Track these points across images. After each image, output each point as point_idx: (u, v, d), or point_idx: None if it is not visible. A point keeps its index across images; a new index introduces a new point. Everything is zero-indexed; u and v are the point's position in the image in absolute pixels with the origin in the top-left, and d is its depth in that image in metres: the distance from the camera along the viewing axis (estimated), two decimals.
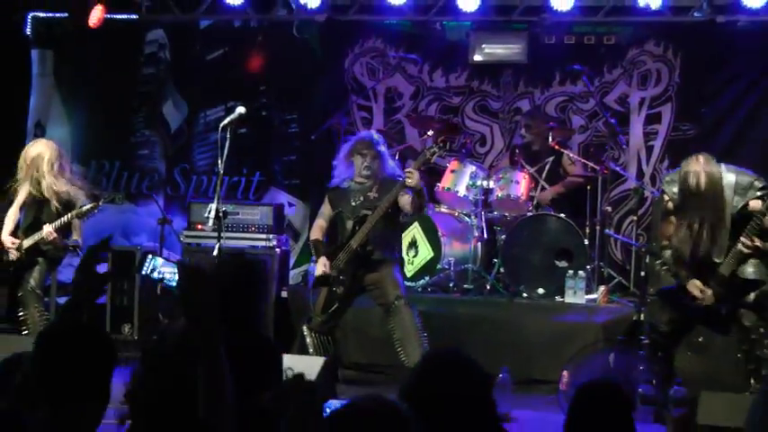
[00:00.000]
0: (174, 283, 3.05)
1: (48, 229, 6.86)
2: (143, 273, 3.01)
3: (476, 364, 2.87)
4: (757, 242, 5.70)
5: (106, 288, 8.70)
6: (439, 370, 2.87)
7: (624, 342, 7.05)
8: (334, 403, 3.28)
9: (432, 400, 2.76)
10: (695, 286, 5.88)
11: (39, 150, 7.04)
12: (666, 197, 6.04)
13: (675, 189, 5.95)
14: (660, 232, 6.18)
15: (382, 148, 6.96)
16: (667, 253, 6.01)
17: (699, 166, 5.83)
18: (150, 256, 3.01)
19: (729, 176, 5.87)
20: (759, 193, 5.81)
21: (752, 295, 5.83)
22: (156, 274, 3.06)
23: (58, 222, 6.88)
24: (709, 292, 5.84)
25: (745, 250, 5.70)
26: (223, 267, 4.33)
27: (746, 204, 5.82)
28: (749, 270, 5.85)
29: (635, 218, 8.80)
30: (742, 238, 5.70)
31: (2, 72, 9.81)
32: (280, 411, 2.50)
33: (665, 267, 6.05)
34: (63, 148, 7.36)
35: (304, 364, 4.99)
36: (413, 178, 6.56)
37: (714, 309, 5.87)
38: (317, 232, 7.05)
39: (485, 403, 2.85)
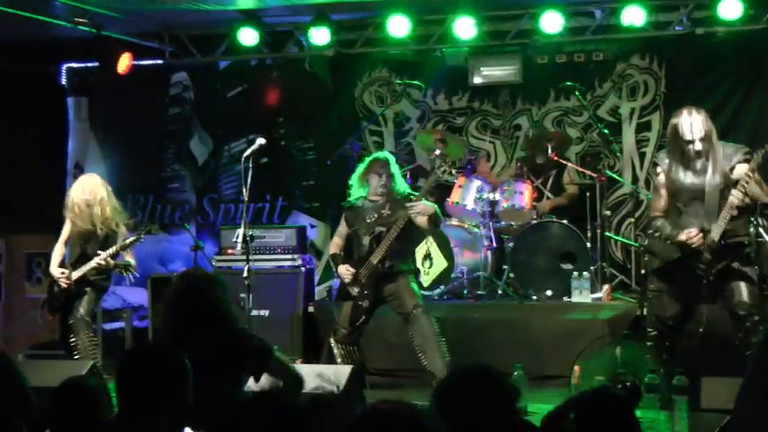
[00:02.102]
0: None
1: (103, 255, 6.89)
2: None
3: (504, 379, 2.88)
4: (746, 199, 5.65)
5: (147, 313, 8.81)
6: (468, 385, 2.87)
7: (629, 335, 7.05)
8: None
9: (461, 411, 2.77)
10: (685, 234, 5.80)
11: (92, 183, 7.11)
12: (659, 169, 5.99)
13: (667, 160, 5.92)
14: (652, 207, 6.12)
15: (393, 168, 6.98)
16: (658, 222, 5.95)
17: (696, 116, 5.80)
18: None
19: (717, 147, 5.86)
20: (745, 156, 5.78)
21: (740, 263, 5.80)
22: None
23: (110, 250, 6.93)
24: (697, 232, 5.75)
25: (736, 201, 5.62)
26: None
27: (733, 167, 5.78)
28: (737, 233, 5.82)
29: (632, 220, 8.83)
30: (733, 191, 5.64)
31: (42, 120, 9.95)
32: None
33: (657, 234, 5.95)
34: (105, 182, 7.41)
35: (333, 373, 5.01)
36: (417, 209, 6.57)
37: (703, 277, 5.81)
38: (334, 248, 7.05)
39: (510, 413, 2.86)
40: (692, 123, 5.81)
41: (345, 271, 6.74)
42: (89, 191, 7.05)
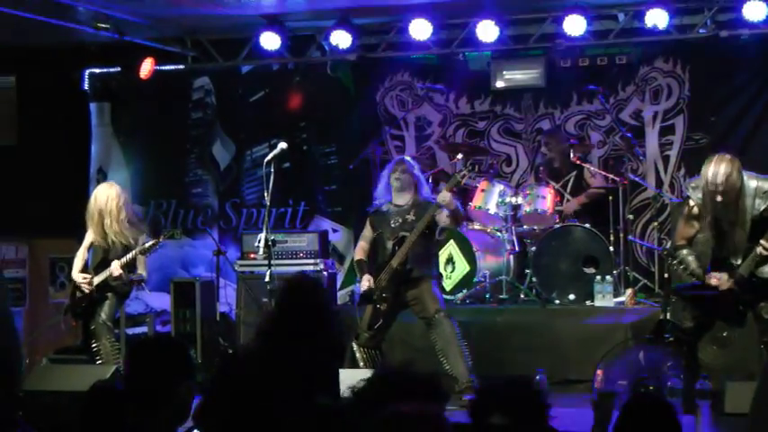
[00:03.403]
0: None
1: (115, 266, 7.01)
2: None
3: (538, 395, 2.89)
4: None
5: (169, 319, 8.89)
6: (505, 397, 2.89)
7: (652, 340, 7.06)
8: None
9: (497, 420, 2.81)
10: (712, 277, 5.85)
11: (105, 194, 7.19)
12: (692, 202, 6.00)
13: (700, 195, 5.91)
14: (679, 234, 6.16)
15: (417, 172, 7.04)
16: (683, 252, 5.99)
17: (721, 165, 5.81)
18: None
19: (751, 182, 5.82)
20: None
21: None
22: None
23: (124, 259, 7.03)
24: (725, 276, 5.80)
25: (765, 253, 5.66)
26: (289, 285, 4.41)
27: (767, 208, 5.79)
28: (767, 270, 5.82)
29: (656, 224, 8.83)
30: (762, 241, 5.65)
31: (65, 125, 10.06)
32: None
33: (681, 267, 6.03)
34: (125, 191, 7.50)
35: (355, 378, 5.04)
36: (444, 198, 6.65)
37: (730, 303, 5.85)
38: (359, 253, 7.13)
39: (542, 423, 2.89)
40: (716, 172, 5.80)
41: (365, 282, 6.83)
42: (103, 201, 7.13)
